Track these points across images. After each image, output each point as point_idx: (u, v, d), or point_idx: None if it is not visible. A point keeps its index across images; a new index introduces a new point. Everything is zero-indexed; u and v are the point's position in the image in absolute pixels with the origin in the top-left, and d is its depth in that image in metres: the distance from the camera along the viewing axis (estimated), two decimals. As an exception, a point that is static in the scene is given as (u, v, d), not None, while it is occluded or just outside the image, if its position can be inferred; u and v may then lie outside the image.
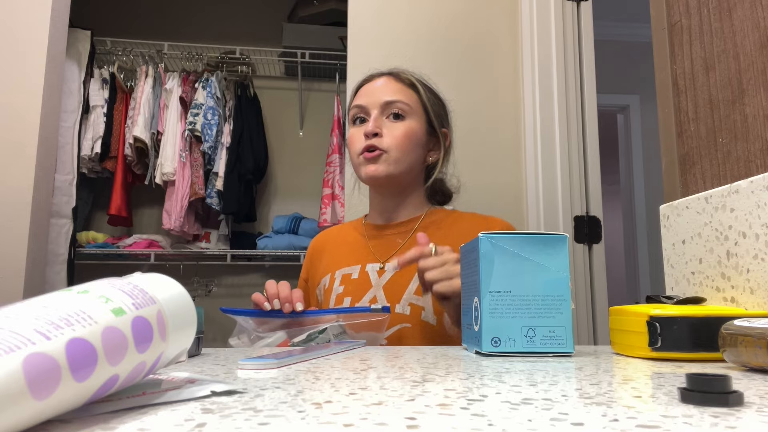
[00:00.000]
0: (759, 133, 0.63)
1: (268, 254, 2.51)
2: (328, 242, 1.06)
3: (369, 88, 0.98)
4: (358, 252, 0.98)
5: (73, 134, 2.32)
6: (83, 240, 2.42)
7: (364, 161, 0.94)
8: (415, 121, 0.96)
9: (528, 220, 1.59)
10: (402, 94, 0.96)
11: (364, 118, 0.97)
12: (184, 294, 0.33)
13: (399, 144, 0.93)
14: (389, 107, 0.95)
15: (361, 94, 0.99)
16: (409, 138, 0.94)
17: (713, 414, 0.25)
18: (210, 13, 2.93)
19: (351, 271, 0.96)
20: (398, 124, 0.95)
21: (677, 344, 0.50)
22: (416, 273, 0.90)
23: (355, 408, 0.27)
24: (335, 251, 1.02)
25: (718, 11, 0.71)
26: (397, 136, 0.94)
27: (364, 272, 0.94)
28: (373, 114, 0.95)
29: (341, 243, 1.03)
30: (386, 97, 0.95)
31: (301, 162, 2.86)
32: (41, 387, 0.21)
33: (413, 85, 0.99)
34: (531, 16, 1.64)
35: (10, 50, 1.57)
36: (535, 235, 0.54)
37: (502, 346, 0.52)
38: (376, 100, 0.96)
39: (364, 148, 0.94)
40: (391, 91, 0.96)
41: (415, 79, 1.00)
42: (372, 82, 1.00)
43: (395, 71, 1.01)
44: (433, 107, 1.00)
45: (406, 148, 0.94)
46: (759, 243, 0.58)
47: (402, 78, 0.99)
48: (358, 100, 0.99)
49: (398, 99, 0.95)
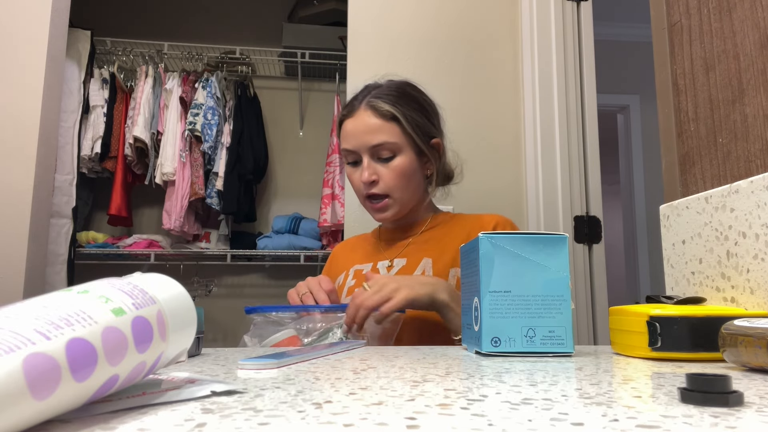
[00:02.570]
0: (759, 133, 0.63)
1: (268, 254, 2.51)
2: (347, 247, 1.15)
3: (352, 128, 0.98)
4: (371, 252, 1.07)
5: (73, 134, 2.32)
6: (83, 240, 2.42)
7: (371, 208, 1.00)
8: (405, 155, 0.97)
9: (528, 220, 1.59)
10: (385, 133, 0.96)
11: (356, 160, 0.99)
12: (184, 294, 0.33)
13: (397, 185, 0.97)
14: (377, 150, 0.96)
15: (347, 135, 0.99)
16: (404, 174, 0.97)
17: (713, 414, 0.25)
18: (210, 13, 2.93)
19: (363, 267, 1.03)
20: (390, 166, 0.97)
21: (677, 344, 0.50)
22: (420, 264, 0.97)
23: (355, 408, 0.27)
24: (352, 254, 1.10)
25: (718, 11, 0.71)
26: (392, 177, 0.97)
27: (375, 268, 1.02)
28: (365, 160, 0.97)
29: (359, 247, 1.12)
30: (372, 141, 0.96)
31: (301, 162, 2.86)
32: (41, 387, 0.21)
33: (394, 117, 0.97)
34: (531, 16, 1.64)
35: (10, 50, 1.57)
36: (535, 235, 0.54)
37: (502, 346, 0.52)
38: (362, 145, 0.97)
39: (365, 196, 0.99)
40: (373, 132, 0.96)
41: (393, 108, 0.97)
42: (353, 117, 0.98)
43: (372, 102, 0.98)
44: (418, 130, 0.99)
45: (404, 185, 0.98)
46: (759, 243, 0.58)
47: (380, 111, 0.97)
48: (346, 142, 0.99)
49: (383, 141, 0.95)
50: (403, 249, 1.03)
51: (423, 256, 0.99)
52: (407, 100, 1.00)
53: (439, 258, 0.97)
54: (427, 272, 0.96)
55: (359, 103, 1.00)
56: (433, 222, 1.06)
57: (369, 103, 0.98)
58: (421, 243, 1.02)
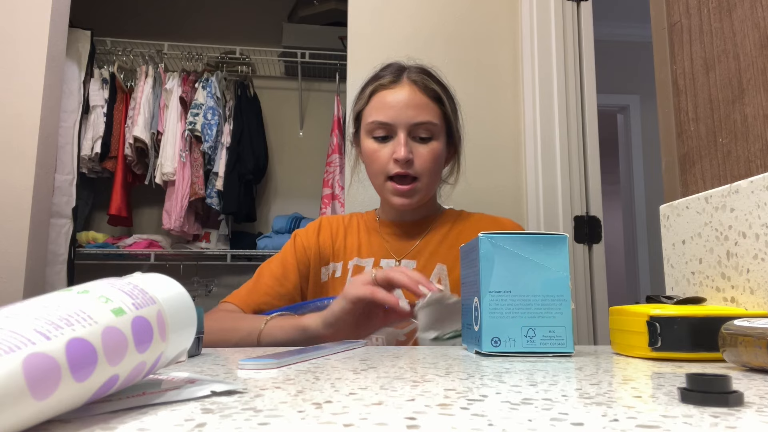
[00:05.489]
0: (759, 133, 0.63)
1: (268, 254, 2.51)
2: (340, 228, 1.01)
3: (393, 100, 0.90)
4: (372, 245, 0.97)
5: (73, 134, 2.32)
6: (83, 240, 2.42)
7: (394, 191, 0.91)
8: (440, 141, 0.92)
9: (528, 220, 1.59)
10: (429, 113, 0.90)
11: (387, 135, 0.91)
12: (184, 294, 0.33)
13: (429, 169, 0.90)
14: (416, 128, 0.90)
15: (384, 105, 0.90)
16: (436, 161, 0.91)
17: (713, 414, 0.25)
18: (210, 13, 2.93)
19: (364, 263, 0.95)
20: (426, 147, 0.90)
21: (677, 344, 0.50)
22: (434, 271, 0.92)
23: (355, 408, 0.27)
24: (347, 239, 0.99)
25: (718, 11, 0.71)
26: (426, 160, 0.90)
27: (379, 267, 0.93)
28: (402, 136, 0.89)
29: (353, 233, 1.00)
30: (415, 117, 0.89)
31: (301, 162, 2.86)
32: (41, 387, 0.21)
33: (439, 99, 0.92)
34: (531, 16, 1.64)
35: (10, 50, 1.57)
36: (535, 235, 0.54)
37: (502, 346, 0.52)
38: (404, 121, 0.89)
39: (392, 175, 0.90)
40: (418, 110, 0.89)
41: (440, 90, 0.93)
42: (395, 90, 0.91)
43: (420, 80, 0.92)
44: (454, 116, 0.95)
45: (434, 172, 0.92)
46: (759, 243, 0.58)
47: (428, 90, 0.91)
48: (381, 113, 0.90)
49: (427, 120, 0.89)
50: (412, 248, 0.95)
51: (437, 262, 0.92)
52: (444, 86, 0.96)
53: (455, 265, 0.91)
54: (443, 281, 0.90)
55: (399, 75, 0.92)
56: (443, 219, 0.99)
57: (412, 78, 0.92)
58: (434, 245, 0.95)
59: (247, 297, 0.92)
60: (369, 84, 0.95)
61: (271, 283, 0.94)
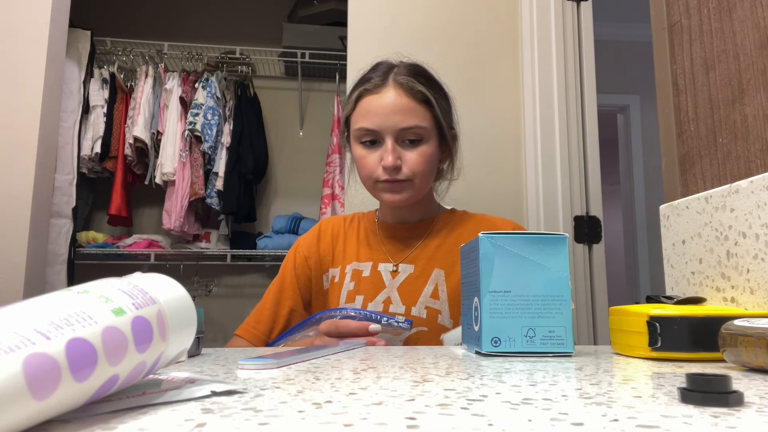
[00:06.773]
0: (759, 133, 0.63)
1: (268, 254, 2.51)
2: (341, 231, 1.00)
3: (378, 106, 0.87)
4: (370, 249, 0.96)
5: (73, 134, 2.32)
6: (83, 240, 2.42)
7: (384, 187, 0.89)
8: (430, 143, 0.89)
9: (528, 220, 1.59)
10: (416, 117, 0.87)
11: (374, 140, 0.89)
12: (184, 294, 0.33)
13: (420, 171, 0.88)
14: (405, 133, 0.87)
15: (369, 112, 0.88)
16: (428, 162, 0.89)
17: (713, 414, 0.25)
18: (210, 13, 2.93)
19: (362, 268, 0.94)
20: (416, 151, 0.88)
21: (677, 344, 0.50)
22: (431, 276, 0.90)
23: (355, 408, 0.27)
24: (346, 243, 0.98)
25: (718, 11, 0.71)
26: (417, 163, 0.88)
27: (376, 271, 0.92)
28: (389, 143, 0.87)
29: (352, 236, 0.99)
30: (402, 123, 0.86)
31: (301, 162, 2.86)
32: (41, 387, 0.21)
33: (426, 101, 0.89)
34: (531, 16, 1.64)
35: (10, 50, 1.57)
36: (535, 235, 0.54)
37: (502, 346, 0.52)
38: (390, 127, 0.87)
39: (381, 180, 0.89)
40: (404, 113, 0.87)
41: (428, 91, 0.90)
42: (380, 94, 0.88)
43: (406, 83, 0.88)
44: (444, 116, 0.92)
45: (425, 174, 0.90)
46: (759, 243, 0.58)
47: (413, 91, 0.88)
48: (367, 120, 0.88)
49: (414, 125, 0.87)
50: (410, 253, 0.94)
51: (434, 267, 0.91)
52: (434, 84, 0.93)
53: (452, 270, 0.90)
54: (440, 286, 0.89)
55: (384, 78, 0.89)
56: (441, 222, 0.98)
57: (398, 80, 0.89)
58: (431, 249, 0.94)
59: (255, 329, 0.94)
60: (355, 88, 0.93)
61: (271, 306, 0.96)
